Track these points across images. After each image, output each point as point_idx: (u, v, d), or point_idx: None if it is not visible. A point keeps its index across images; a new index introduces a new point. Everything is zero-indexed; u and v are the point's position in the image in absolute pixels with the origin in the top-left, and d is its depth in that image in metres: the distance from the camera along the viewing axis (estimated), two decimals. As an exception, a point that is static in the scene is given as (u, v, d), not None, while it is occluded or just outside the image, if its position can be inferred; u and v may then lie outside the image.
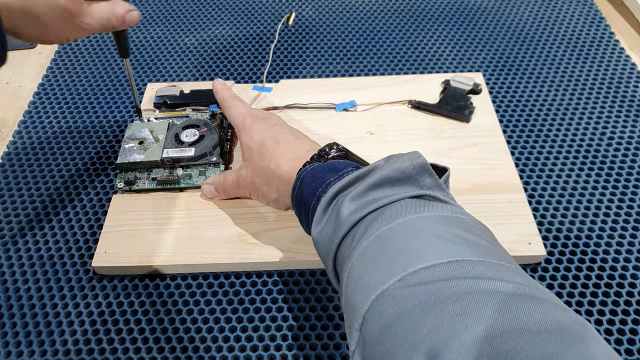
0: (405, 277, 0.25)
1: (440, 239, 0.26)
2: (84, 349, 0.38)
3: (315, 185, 0.34)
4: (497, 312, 0.21)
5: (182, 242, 0.43)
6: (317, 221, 0.32)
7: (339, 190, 0.32)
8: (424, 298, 0.23)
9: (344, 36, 0.65)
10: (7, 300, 0.41)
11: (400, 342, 0.23)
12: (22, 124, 0.55)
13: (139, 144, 0.48)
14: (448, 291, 0.23)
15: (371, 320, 0.25)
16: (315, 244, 0.33)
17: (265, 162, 0.40)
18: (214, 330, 0.39)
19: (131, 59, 0.62)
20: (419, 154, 0.31)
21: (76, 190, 0.49)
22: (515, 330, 0.21)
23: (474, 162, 0.48)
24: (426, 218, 0.28)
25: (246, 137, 0.42)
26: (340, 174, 0.33)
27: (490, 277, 0.24)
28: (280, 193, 0.40)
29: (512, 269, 0.25)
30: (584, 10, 0.67)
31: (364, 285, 0.26)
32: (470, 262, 0.25)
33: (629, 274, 0.42)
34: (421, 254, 0.26)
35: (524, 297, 0.22)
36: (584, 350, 0.20)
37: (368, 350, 0.25)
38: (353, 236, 0.29)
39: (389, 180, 0.31)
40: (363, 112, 0.53)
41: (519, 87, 0.58)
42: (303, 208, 0.35)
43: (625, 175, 0.49)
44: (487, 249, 0.27)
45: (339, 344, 0.38)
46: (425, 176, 0.31)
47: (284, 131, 0.42)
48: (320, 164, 0.36)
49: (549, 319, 0.21)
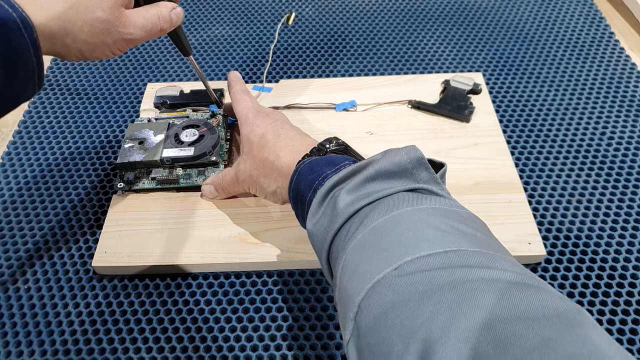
0: (401, 265, 0.25)
1: (436, 230, 0.26)
2: (84, 349, 0.38)
3: (312, 178, 0.34)
4: (495, 300, 0.21)
5: (182, 242, 0.43)
6: (312, 213, 0.32)
7: (335, 183, 0.32)
8: (421, 286, 0.23)
9: (344, 36, 0.65)
10: (7, 300, 0.41)
11: (397, 330, 0.23)
12: (22, 124, 0.55)
13: (139, 144, 0.48)
14: (445, 279, 0.23)
15: (366, 309, 0.25)
16: (310, 237, 0.33)
17: (265, 154, 0.40)
18: (214, 330, 0.39)
19: (131, 59, 0.62)
20: (416, 148, 0.31)
21: (76, 190, 0.49)
22: (514, 317, 0.21)
23: (474, 162, 0.48)
24: (422, 210, 0.28)
25: (247, 129, 0.43)
26: (337, 167, 0.33)
27: (487, 266, 0.24)
28: (278, 185, 0.40)
29: (508, 259, 0.25)
30: (584, 10, 0.67)
31: (360, 275, 0.26)
32: (466, 252, 0.25)
33: (629, 274, 0.42)
34: (417, 244, 0.26)
35: (521, 285, 0.22)
36: (582, 335, 0.20)
37: (363, 339, 0.24)
38: (348, 228, 0.29)
39: (385, 174, 0.31)
40: (363, 112, 0.53)
41: (519, 87, 0.58)
42: (299, 200, 0.35)
43: (625, 175, 0.49)
44: (483, 241, 0.27)
45: (339, 344, 0.38)
46: (422, 170, 0.31)
47: (286, 126, 0.42)
48: (318, 158, 0.36)
49: (547, 306, 0.21)
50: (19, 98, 0.32)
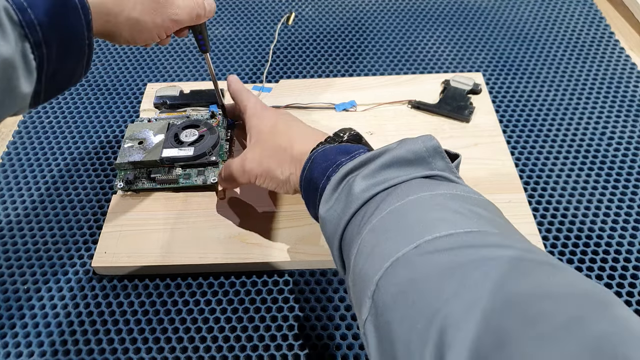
0: (421, 244, 0.24)
1: (455, 212, 0.26)
2: (83, 349, 0.38)
3: (326, 166, 0.34)
4: (519, 277, 0.21)
5: (182, 242, 0.43)
6: (325, 199, 0.32)
7: (350, 171, 0.32)
8: (442, 264, 0.23)
9: (344, 36, 0.65)
10: (6, 301, 0.41)
11: (418, 308, 0.22)
12: (22, 124, 0.55)
13: (139, 144, 0.48)
14: (467, 257, 0.23)
15: (385, 288, 0.24)
16: (321, 223, 0.33)
17: (278, 141, 0.40)
18: (214, 330, 0.39)
19: (131, 59, 0.62)
20: (432, 137, 0.31)
21: (76, 190, 0.49)
22: (539, 295, 0.20)
23: (474, 162, 0.48)
24: (439, 195, 0.28)
25: (257, 120, 0.43)
26: (352, 155, 0.33)
27: (509, 245, 0.23)
28: (291, 172, 0.39)
29: (528, 242, 0.25)
30: (584, 10, 0.67)
31: (377, 255, 0.26)
32: (487, 232, 0.24)
33: (629, 274, 0.42)
34: (437, 224, 0.25)
35: (545, 264, 0.22)
36: (612, 314, 0.19)
37: (381, 317, 0.24)
38: (364, 213, 0.29)
39: (402, 161, 0.31)
40: (363, 112, 0.53)
41: (519, 87, 0.58)
42: (312, 188, 0.35)
43: (625, 175, 0.49)
44: (502, 225, 0.26)
45: (340, 344, 0.38)
46: (438, 159, 0.31)
47: (296, 119, 0.43)
48: (332, 146, 0.36)
49: (574, 284, 0.21)
50: (69, 81, 0.32)
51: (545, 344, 0.18)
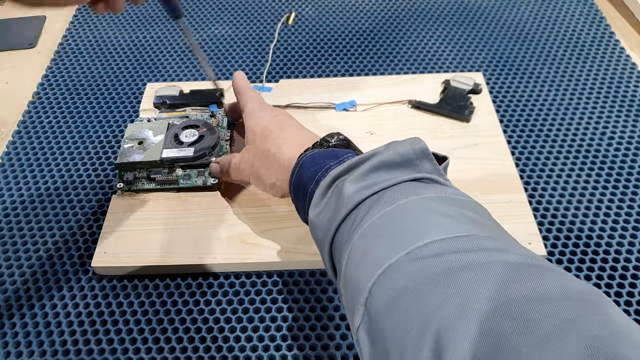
0: (413, 250, 0.24)
1: (446, 216, 0.26)
2: (83, 349, 0.38)
3: (315, 170, 0.34)
4: (513, 281, 0.21)
5: (182, 242, 0.43)
6: (315, 204, 0.32)
7: (338, 175, 0.32)
8: (435, 270, 0.23)
9: (344, 36, 0.65)
10: (6, 301, 0.41)
11: (411, 314, 0.22)
12: (22, 124, 0.55)
13: (139, 144, 0.48)
14: (459, 263, 0.23)
15: (377, 294, 0.24)
16: (311, 227, 0.33)
17: (267, 146, 0.40)
18: (214, 330, 0.39)
19: (130, 59, 0.62)
20: (420, 140, 0.31)
21: (76, 190, 0.49)
22: (532, 298, 0.20)
23: (474, 162, 0.48)
24: (428, 198, 0.28)
25: (252, 121, 0.43)
26: (340, 159, 0.33)
27: (501, 249, 0.23)
28: (278, 178, 0.40)
29: (519, 245, 0.25)
30: (584, 10, 0.67)
31: (369, 261, 0.26)
32: (478, 237, 0.24)
33: (629, 274, 0.42)
34: (428, 229, 0.25)
35: (537, 267, 0.22)
36: (604, 316, 0.20)
37: (375, 324, 0.24)
38: (354, 218, 0.29)
39: (389, 164, 0.31)
40: (363, 112, 0.53)
41: (519, 87, 0.57)
42: (301, 193, 0.35)
43: (626, 175, 0.49)
44: (492, 228, 0.26)
45: (339, 344, 0.38)
46: (425, 161, 0.31)
47: (290, 121, 0.43)
48: (320, 151, 0.36)
49: (566, 287, 0.21)
50: None
51: (542, 347, 0.18)
